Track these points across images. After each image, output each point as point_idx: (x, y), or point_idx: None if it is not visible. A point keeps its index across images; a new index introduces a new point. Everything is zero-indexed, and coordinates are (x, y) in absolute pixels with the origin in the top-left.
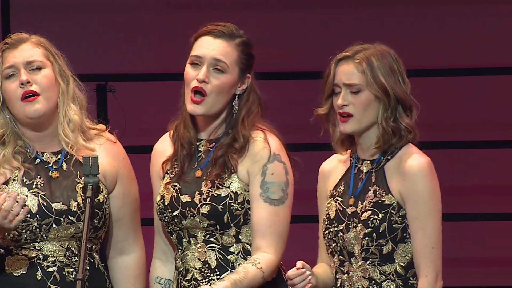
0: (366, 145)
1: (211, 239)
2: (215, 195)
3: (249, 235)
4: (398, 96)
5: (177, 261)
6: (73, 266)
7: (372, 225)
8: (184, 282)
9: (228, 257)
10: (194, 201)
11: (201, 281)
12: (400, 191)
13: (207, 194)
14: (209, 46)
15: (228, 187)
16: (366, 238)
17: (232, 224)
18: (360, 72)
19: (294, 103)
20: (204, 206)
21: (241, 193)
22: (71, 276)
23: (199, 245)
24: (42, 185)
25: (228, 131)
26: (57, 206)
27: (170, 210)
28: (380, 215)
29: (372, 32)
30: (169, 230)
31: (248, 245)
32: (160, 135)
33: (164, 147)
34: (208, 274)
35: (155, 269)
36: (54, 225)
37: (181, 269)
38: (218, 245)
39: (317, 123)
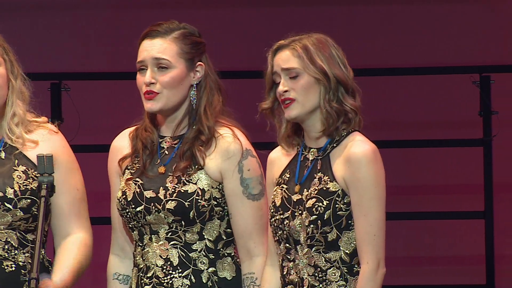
0: (312, 132)
1: (173, 236)
2: (182, 191)
3: (212, 230)
4: (338, 78)
5: (137, 258)
6: (13, 260)
7: (317, 212)
8: (145, 279)
9: (190, 254)
10: (158, 197)
11: (162, 278)
12: (344, 178)
13: (173, 190)
14: (147, 48)
15: (195, 183)
16: (311, 226)
17: (197, 221)
18: (296, 56)
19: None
20: (170, 201)
21: (208, 189)
22: (10, 269)
23: (161, 242)
24: None
25: (191, 124)
26: None
27: (133, 206)
28: (325, 203)
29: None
30: (130, 226)
31: (210, 242)
32: (115, 133)
33: (122, 143)
34: (170, 272)
35: (113, 265)
36: None
37: (141, 266)
38: (181, 242)
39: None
